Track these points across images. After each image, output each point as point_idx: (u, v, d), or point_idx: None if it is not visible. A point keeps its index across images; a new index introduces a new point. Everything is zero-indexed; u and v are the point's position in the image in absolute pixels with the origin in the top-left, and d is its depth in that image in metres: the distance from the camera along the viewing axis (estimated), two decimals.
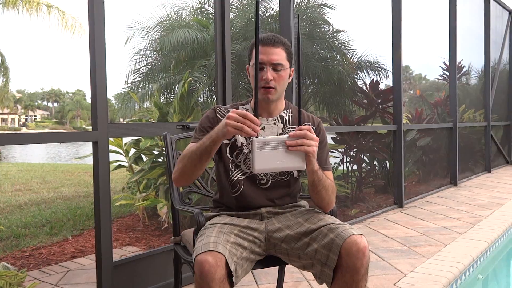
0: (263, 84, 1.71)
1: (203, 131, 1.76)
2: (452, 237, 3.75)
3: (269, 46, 1.71)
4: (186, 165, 1.65)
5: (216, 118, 1.79)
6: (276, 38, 1.74)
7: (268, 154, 1.48)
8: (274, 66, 1.71)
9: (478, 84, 8.52)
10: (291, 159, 1.49)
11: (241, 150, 1.77)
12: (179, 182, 1.73)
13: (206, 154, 1.60)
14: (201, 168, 1.65)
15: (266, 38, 1.73)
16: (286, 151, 1.48)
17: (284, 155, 1.49)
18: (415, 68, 8.24)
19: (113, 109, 5.65)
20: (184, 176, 1.69)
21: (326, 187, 1.68)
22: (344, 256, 1.53)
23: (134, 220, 4.61)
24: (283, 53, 1.74)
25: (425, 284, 2.68)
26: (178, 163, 1.70)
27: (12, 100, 19.13)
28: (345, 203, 4.71)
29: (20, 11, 7.25)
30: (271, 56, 1.71)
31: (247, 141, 1.77)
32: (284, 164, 1.50)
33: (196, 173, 1.68)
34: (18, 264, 3.61)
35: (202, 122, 1.80)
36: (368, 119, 5.39)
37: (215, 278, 1.42)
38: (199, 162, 1.62)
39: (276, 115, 1.82)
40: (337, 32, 5.46)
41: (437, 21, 7.00)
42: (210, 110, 1.84)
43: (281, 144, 1.49)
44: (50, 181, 8.25)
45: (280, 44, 1.74)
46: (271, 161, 1.48)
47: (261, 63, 1.70)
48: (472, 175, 7.63)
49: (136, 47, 4.87)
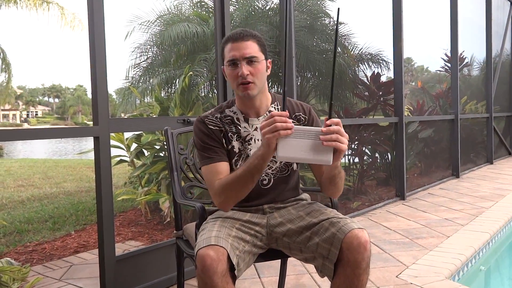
0: (240, 80, 1.66)
1: (210, 148, 1.70)
2: (454, 228, 3.75)
3: (239, 41, 1.67)
4: (238, 190, 1.60)
5: (211, 130, 1.72)
6: (245, 32, 1.69)
7: (293, 142, 1.42)
8: (248, 60, 1.66)
9: (479, 75, 8.49)
10: (318, 152, 1.42)
11: (239, 156, 1.74)
12: (230, 207, 1.67)
13: (258, 173, 1.55)
14: (253, 185, 1.61)
15: (235, 34, 1.69)
16: (312, 142, 1.42)
17: (310, 147, 1.42)
18: (416, 60, 8.22)
19: (114, 104, 5.66)
20: (238, 199, 1.64)
21: (342, 177, 1.67)
22: (345, 250, 1.53)
23: (137, 215, 4.63)
24: (255, 46, 1.69)
25: (428, 276, 2.68)
26: (221, 194, 1.62)
27: (13, 96, 19.15)
28: (347, 196, 4.71)
29: (20, 8, 7.24)
30: (243, 50, 1.66)
31: (243, 145, 1.74)
32: (309, 155, 1.43)
33: (248, 192, 1.63)
34: (22, 260, 3.63)
35: (202, 140, 1.72)
36: (369, 112, 5.38)
37: (217, 272, 1.42)
38: (251, 182, 1.58)
39: (264, 112, 1.77)
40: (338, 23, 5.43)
41: (438, 12, 6.97)
42: (199, 125, 1.74)
43: (309, 135, 1.42)
44: (53, 176, 8.27)
45: (250, 37, 1.69)
46: (295, 150, 1.42)
47: (233, 60, 1.67)
48: (474, 166, 7.62)
49: (136, 41, 4.87)
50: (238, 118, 1.76)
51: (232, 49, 1.67)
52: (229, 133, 1.74)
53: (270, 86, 4.85)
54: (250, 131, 1.75)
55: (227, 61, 1.69)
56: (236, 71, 1.67)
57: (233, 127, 1.75)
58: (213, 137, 1.72)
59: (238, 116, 1.77)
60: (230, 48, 1.69)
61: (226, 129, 1.74)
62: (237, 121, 1.76)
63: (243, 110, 1.77)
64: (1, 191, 6.58)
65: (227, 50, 1.70)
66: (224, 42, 1.73)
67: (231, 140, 1.74)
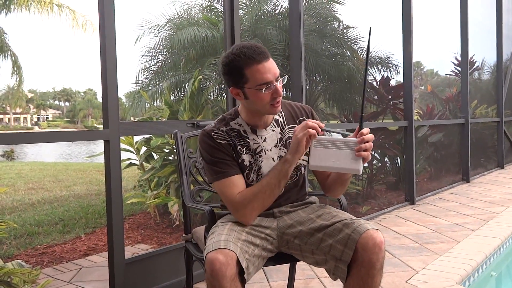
0: (276, 101, 1.64)
1: (222, 162, 1.67)
2: (465, 234, 3.72)
3: (265, 61, 1.60)
4: (265, 199, 1.63)
5: (220, 144, 1.69)
6: (263, 49, 1.62)
7: (324, 152, 1.52)
8: (277, 78, 1.64)
9: (490, 79, 8.42)
10: (348, 162, 1.52)
11: (251, 169, 1.71)
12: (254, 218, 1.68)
13: (284, 178, 1.62)
14: (280, 192, 1.66)
15: (257, 54, 1.59)
16: (344, 152, 1.52)
17: (341, 156, 1.52)
18: (426, 63, 8.18)
19: (124, 107, 5.69)
20: (263, 209, 1.67)
21: (350, 178, 1.72)
22: (360, 251, 1.53)
23: (146, 218, 4.64)
24: (273, 61, 1.65)
25: (438, 281, 2.66)
26: (246, 206, 1.62)
27: (24, 100, 19.33)
28: (356, 200, 4.69)
29: (31, 12, 7.32)
30: (274, 70, 1.62)
31: (253, 157, 1.72)
32: (340, 165, 1.53)
33: (274, 199, 1.67)
34: (32, 262, 3.65)
35: (212, 154, 1.67)
36: (378, 116, 5.36)
37: (226, 276, 1.42)
38: (278, 188, 1.64)
39: (271, 121, 1.76)
40: (347, 28, 5.43)
41: (448, 15, 6.93)
42: (206, 139, 1.70)
43: (340, 145, 1.52)
44: (63, 179, 8.32)
45: (268, 53, 1.64)
46: (327, 159, 1.53)
47: (270, 83, 1.61)
48: (484, 171, 7.55)
49: (146, 45, 4.91)
50: (245, 131, 1.73)
51: (263, 72, 1.60)
52: (238, 146, 1.71)
53: None
54: (259, 143, 1.73)
55: (261, 84, 1.60)
56: (270, 93, 1.62)
57: (241, 140, 1.71)
58: (223, 151, 1.68)
59: (244, 128, 1.73)
60: (258, 70, 1.59)
61: (235, 142, 1.70)
62: (244, 133, 1.73)
63: (250, 122, 1.73)
64: (12, 193, 6.63)
65: (253, 72, 1.60)
66: (246, 64, 1.60)
67: (241, 153, 1.71)
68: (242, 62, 1.60)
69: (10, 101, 15.95)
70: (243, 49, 1.60)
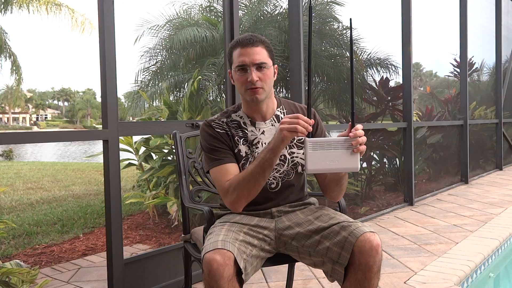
0: (249, 86, 1.68)
1: (218, 150, 1.71)
2: (463, 235, 3.72)
3: (249, 47, 1.68)
4: (250, 188, 1.61)
5: (218, 133, 1.74)
6: (255, 37, 1.70)
7: (321, 155, 1.48)
8: (257, 66, 1.68)
9: (489, 81, 8.43)
10: (346, 161, 1.49)
11: (246, 160, 1.74)
12: (242, 206, 1.67)
13: (269, 167, 1.58)
14: (264, 182, 1.63)
15: (245, 39, 1.69)
16: (340, 152, 1.49)
17: (338, 156, 1.49)
18: (425, 65, 8.19)
19: (123, 107, 5.68)
20: (250, 198, 1.65)
21: (346, 178, 1.71)
22: (357, 254, 1.53)
23: (144, 218, 4.64)
24: (264, 51, 1.70)
25: (436, 282, 2.66)
26: (233, 192, 1.63)
27: (23, 99, 19.32)
28: (354, 201, 4.69)
29: (30, 11, 7.32)
30: (252, 56, 1.67)
31: (250, 148, 1.75)
32: (338, 165, 1.49)
33: (260, 189, 1.65)
34: (30, 262, 3.65)
35: (209, 143, 1.73)
36: (377, 117, 5.36)
37: (223, 276, 1.42)
38: (263, 177, 1.60)
39: (271, 116, 1.79)
40: (346, 29, 5.43)
41: (447, 17, 6.94)
42: (206, 128, 1.76)
43: (335, 144, 1.49)
44: (61, 179, 8.32)
45: (259, 42, 1.70)
46: (324, 162, 1.49)
47: (243, 65, 1.68)
48: (483, 172, 7.56)
49: (146, 45, 4.90)
50: (245, 122, 1.78)
51: (242, 55, 1.68)
52: (236, 137, 1.75)
53: (278, 90, 4.86)
54: (257, 135, 1.76)
55: (236, 66, 1.70)
56: (245, 77, 1.68)
57: (239, 131, 1.76)
58: (221, 140, 1.73)
59: (244, 120, 1.78)
60: (239, 53, 1.69)
61: (233, 133, 1.75)
62: (243, 125, 1.77)
63: (249, 114, 1.78)
64: (11, 193, 6.62)
65: (236, 54, 1.71)
66: (233, 47, 1.73)
67: (238, 144, 1.74)
68: (232, 45, 1.74)
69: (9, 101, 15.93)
70: (241, 36, 1.74)
